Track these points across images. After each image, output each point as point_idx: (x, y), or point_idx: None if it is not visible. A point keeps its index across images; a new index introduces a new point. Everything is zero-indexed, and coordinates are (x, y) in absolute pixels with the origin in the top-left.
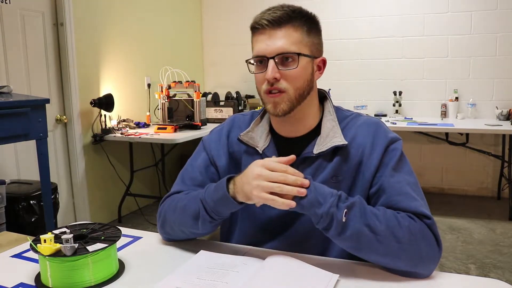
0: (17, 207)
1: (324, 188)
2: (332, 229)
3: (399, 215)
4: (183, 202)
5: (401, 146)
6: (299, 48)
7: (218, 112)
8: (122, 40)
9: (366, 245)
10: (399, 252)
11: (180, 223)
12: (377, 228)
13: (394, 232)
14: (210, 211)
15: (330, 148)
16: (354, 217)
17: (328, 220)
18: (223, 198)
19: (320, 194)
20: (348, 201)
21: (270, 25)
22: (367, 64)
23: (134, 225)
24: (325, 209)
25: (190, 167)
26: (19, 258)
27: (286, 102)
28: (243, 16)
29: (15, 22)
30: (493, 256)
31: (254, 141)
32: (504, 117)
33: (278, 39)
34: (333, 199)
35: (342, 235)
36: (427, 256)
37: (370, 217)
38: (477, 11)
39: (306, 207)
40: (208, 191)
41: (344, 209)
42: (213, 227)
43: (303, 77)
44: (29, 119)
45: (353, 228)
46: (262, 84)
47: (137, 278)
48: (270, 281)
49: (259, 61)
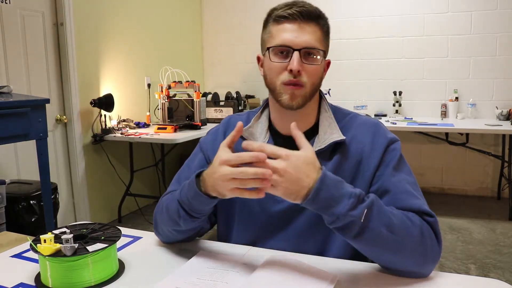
0: (17, 207)
1: (341, 185)
2: (349, 231)
3: (408, 214)
4: (166, 203)
5: (400, 147)
6: (322, 46)
7: (218, 112)
8: (122, 40)
9: (383, 244)
10: (411, 251)
11: (165, 224)
12: (395, 227)
13: (409, 231)
14: (189, 209)
15: (329, 145)
16: (374, 217)
17: (345, 222)
18: (195, 196)
19: (336, 191)
20: (367, 201)
21: (301, 18)
22: (367, 64)
23: (134, 225)
24: (343, 210)
25: (186, 167)
26: (19, 258)
27: (303, 96)
28: (243, 16)
29: (15, 22)
30: (493, 256)
31: (253, 137)
32: (504, 117)
33: (307, 33)
34: (352, 200)
35: (359, 237)
36: (430, 255)
37: (388, 217)
38: (477, 11)
39: (319, 205)
40: (183, 189)
41: (364, 210)
42: (197, 224)
43: (319, 75)
44: (29, 119)
45: (372, 229)
46: (279, 74)
47: (137, 278)
48: (270, 281)
49: (281, 51)
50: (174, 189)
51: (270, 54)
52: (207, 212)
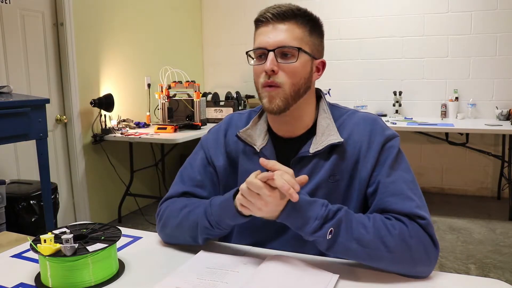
0: (17, 207)
1: (310, 207)
2: (319, 245)
3: (389, 222)
4: (187, 209)
5: (398, 143)
6: (300, 44)
7: (218, 112)
8: (122, 40)
9: (355, 256)
10: (391, 260)
11: (180, 230)
12: (365, 240)
13: (384, 242)
14: (215, 223)
15: (326, 146)
16: (341, 234)
17: (313, 239)
18: (229, 212)
19: (303, 215)
20: (334, 218)
21: (274, 19)
22: (367, 64)
23: (134, 225)
24: (309, 230)
25: (189, 166)
26: (19, 258)
27: (282, 98)
28: (243, 16)
29: (15, 22)
30: (493, 256)
31: (252, 139)
32: (504, 117)
33: (281, 32)
34: (317, 222)
35: (330, 250)
36: (422, 258)
37: (358, 231)
38: (477, 11)
39: (289, 224)
40: (214, 204)
41: (329, 229)
42: (212, 237)
43: (300, 74)
44: (29, 119)
45: (341, 244)
46: (259, 77)
47: (137, 278)
48: (270, 281)
49: (260, 55)
50: (180, 189)
51: (251, 58)
52: (229, 227)
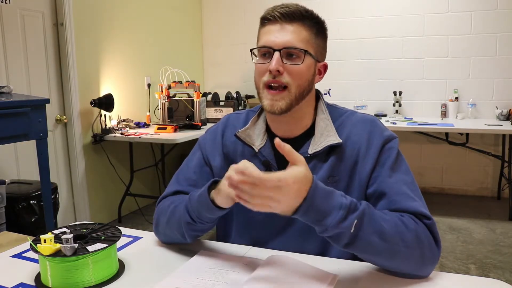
0: (17, 207)
1: (331, 196)
2: (339, 240)
3: (403, 218)
4: (173, 205)
5: (397, 144)
6: (306, 46)
7: (218, 112)
8: (122, 40)
9: (375, 252)
10: (406, 256)
11: (169, 227)
12: (387, 235)
13: (402, 237)
14: (196, 217)
15: (324, 147)
16: (364, 227)
17: (335, 232)
18: (206, 205)
19: (326, 205)
20: (358, 210)
21: (283, 18)
22: (367, 64)
23: (134, 225)
24: (333, 222)
25: (185, 167)
26: (19, 258)
27: (286, 99)
28: (243, 16)
29: (15, 22)
30: (493, 256)
31: (251, 139)
32: (504, 117)
33: (288, 33)
34: (342, 212)
35: (351, 246)
36: (428, 257)
37: (380, 224)
38: (477, 11)
39: (309, 219)
40: (192, 198)
41: (354, 220)
42: (198, 233)
43: (306, 76)
44: (29, 119)
45: (363, 238)
46: (262, 76)
47: (137, 278)
48: (270, 281)
49: (264, 53)
50: (174, 189)
51: (254, 56)
52: (212, 221)
